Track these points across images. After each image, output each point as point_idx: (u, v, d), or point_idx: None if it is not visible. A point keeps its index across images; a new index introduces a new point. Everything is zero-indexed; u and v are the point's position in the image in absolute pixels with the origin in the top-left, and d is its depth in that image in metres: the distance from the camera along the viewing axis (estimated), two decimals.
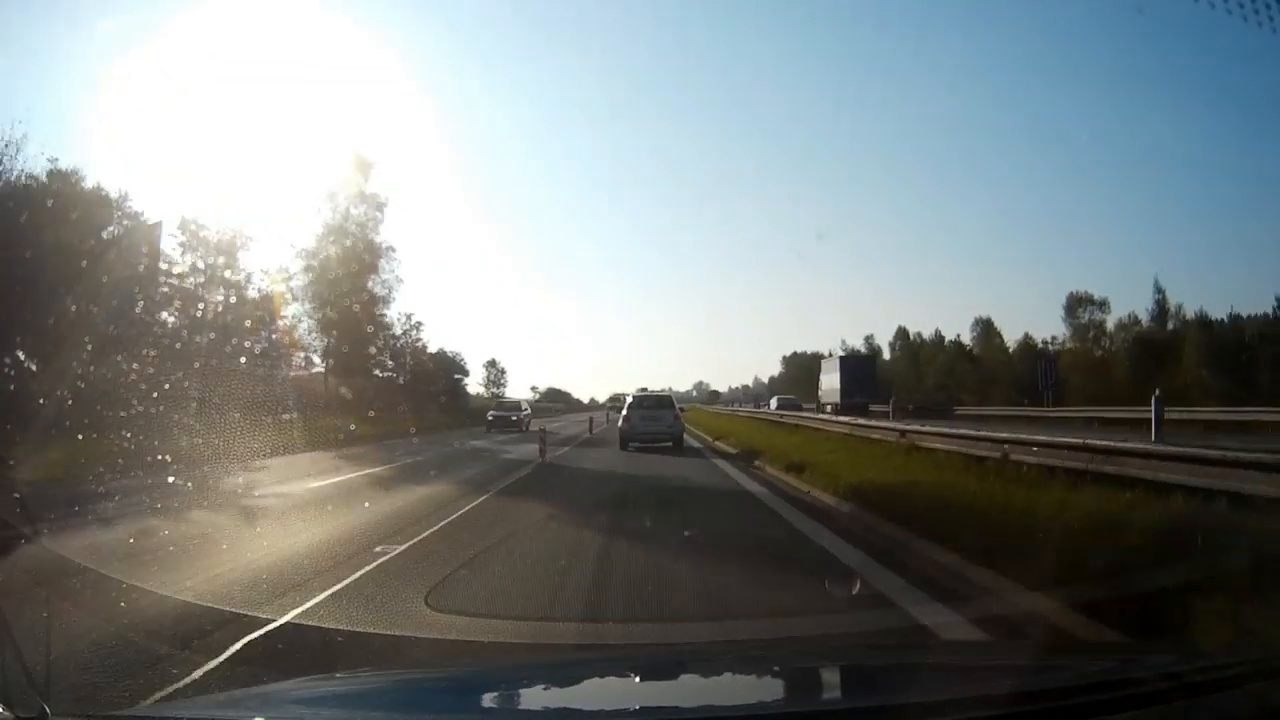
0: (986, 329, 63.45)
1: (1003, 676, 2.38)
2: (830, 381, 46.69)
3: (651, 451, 20.85)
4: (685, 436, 24.19)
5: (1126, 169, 77.51)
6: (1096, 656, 3.04)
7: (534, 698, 2.54)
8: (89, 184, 25.27)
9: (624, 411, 22.95)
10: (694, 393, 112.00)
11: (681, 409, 26.15)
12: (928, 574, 6.07)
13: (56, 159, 23.60)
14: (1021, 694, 1.88)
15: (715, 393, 77.87)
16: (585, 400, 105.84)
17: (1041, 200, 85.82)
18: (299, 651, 4.56)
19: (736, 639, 4.78)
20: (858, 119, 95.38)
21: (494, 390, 73.17)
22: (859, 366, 47.62)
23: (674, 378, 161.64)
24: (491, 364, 77.78)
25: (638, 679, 2.62)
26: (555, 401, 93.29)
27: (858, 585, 5.50)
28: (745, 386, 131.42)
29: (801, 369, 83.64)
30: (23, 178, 21.77)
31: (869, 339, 77.20)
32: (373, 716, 2.31)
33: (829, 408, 40.17)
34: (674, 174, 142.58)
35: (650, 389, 32.80)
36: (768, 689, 2.58)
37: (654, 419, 22.22)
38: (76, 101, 51.24)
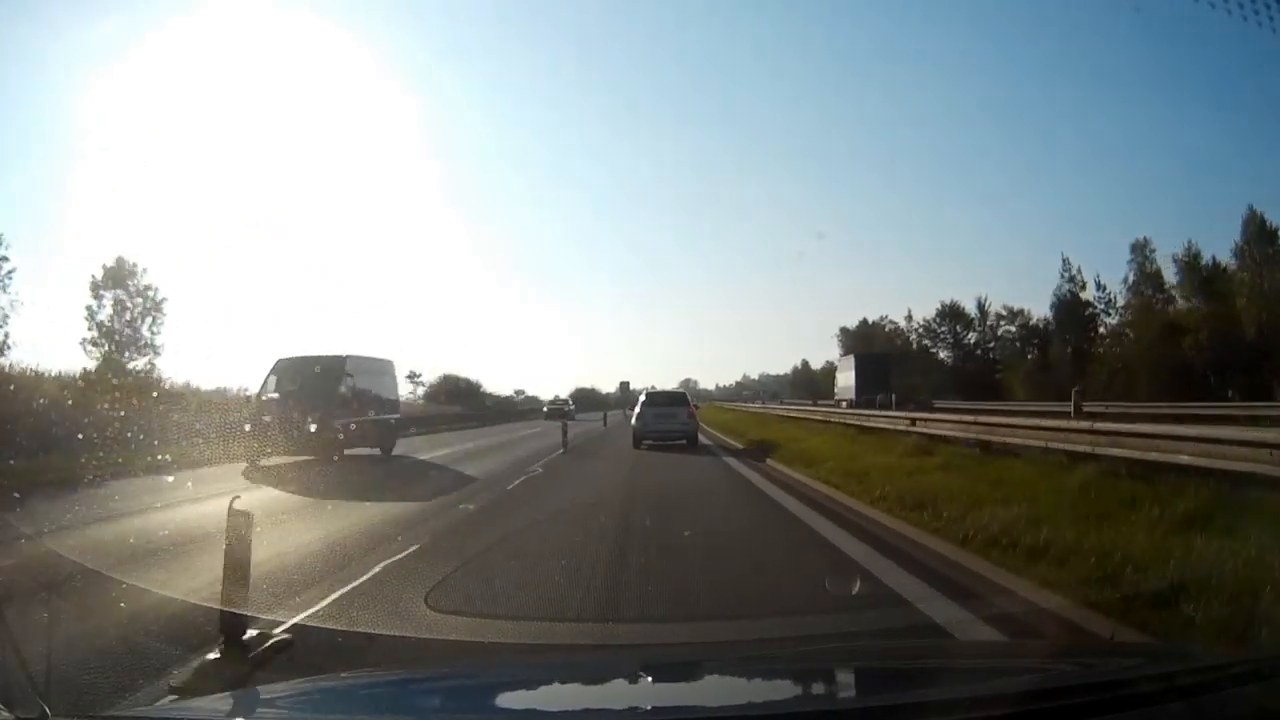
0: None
1: (1006, 677, 2.40)
2: (846, 379, 48.58)
3: None
4: None
5: (1127, 165, 76.66)
6: (1099, 657, 3.05)
7: (537, 698, 2.54)
8: None
9: (637, 409, 22.86)
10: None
11: (696, 406, 26.05)
12: None
13: None
14: (1023, 694, 1.89)
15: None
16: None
17: (1039, 193, 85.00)
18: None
19: (746, 638, 4.76)
20: (844, 114, 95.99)
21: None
22: (874, 364, 49.47)
23: (658, 376, 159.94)
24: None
25: (649, 679, 2.62)
26: (451, 403, 50.45)
27: None
28: (736, 384, 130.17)
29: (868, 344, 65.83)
30: None
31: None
32: (373, 717, 2.31)
33: (844, 404, 40.81)
34: (657, 172, 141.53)
35: (631, 385, 32.56)
36: (777, 689, 2.57)
37: (667, 416, 22.12)
38: None
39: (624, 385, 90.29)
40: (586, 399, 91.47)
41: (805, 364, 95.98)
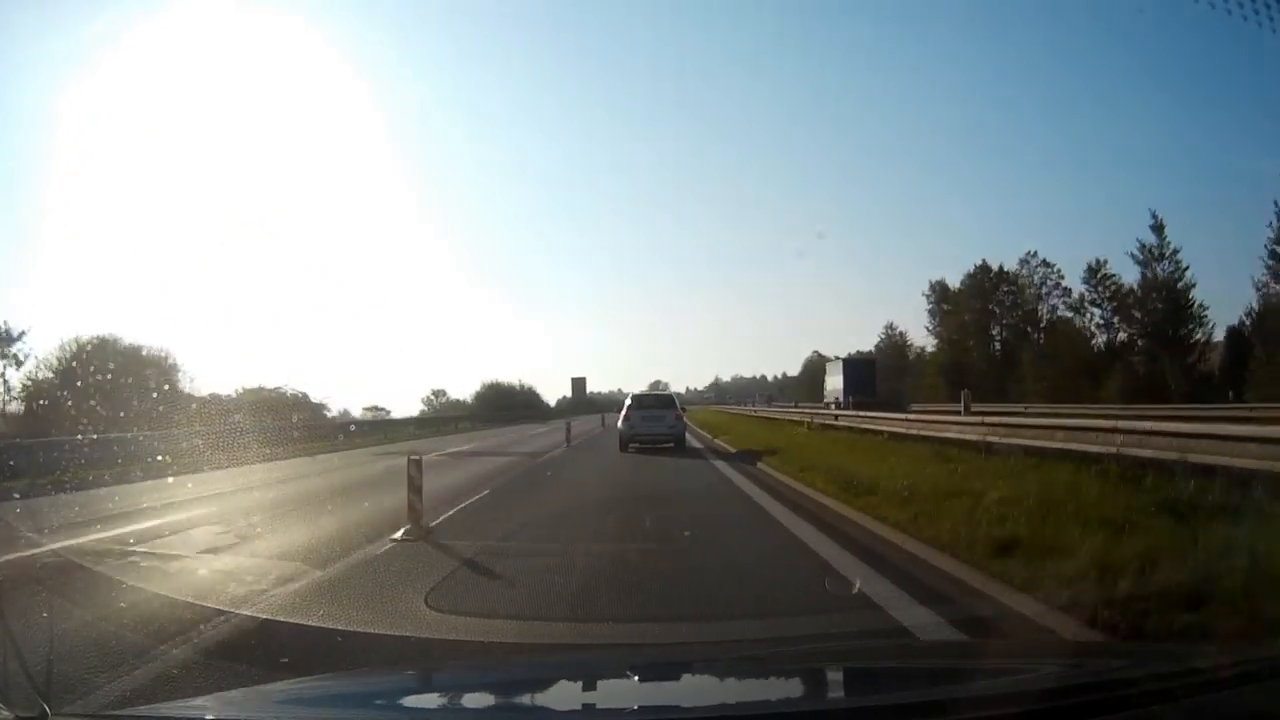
0: None
1: (1002, 677, 2.41)
2: (834, 382, 49.65)
3: None
4: None
5: (1127, 166, 76.92)
6: (1095, 657, 3.06)
7: (534, 697, 2.57)
8: None
9: (624, 412, 22.79)
10: None
11: (684, 408, 26.00)
12: None
13: None
14: (1020, 694, 1.91)
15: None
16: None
17: (1038, 195, 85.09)
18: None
19: (737, 638, 4.79)
20: (811, 114, 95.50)
21: None
22: (860, 368, 50.51)
23: (623, 379, 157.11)
24: None
25: (638, 679, 2.63)
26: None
27: None
28: (708, 386, 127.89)
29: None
30: None
31: None
32: (373, 716, 2.33)
33: (833, 405, 41.50)
34: (624, 169, 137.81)
35: (593, 387, 32.40)
36: (766, 689, 2.59)
37: (655, 419, 21.98)
38: None
39: (578, 384, 73.31)
40: (499, 400, 64.73)
41: (819, 354, 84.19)
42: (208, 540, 8.48)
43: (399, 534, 7.91)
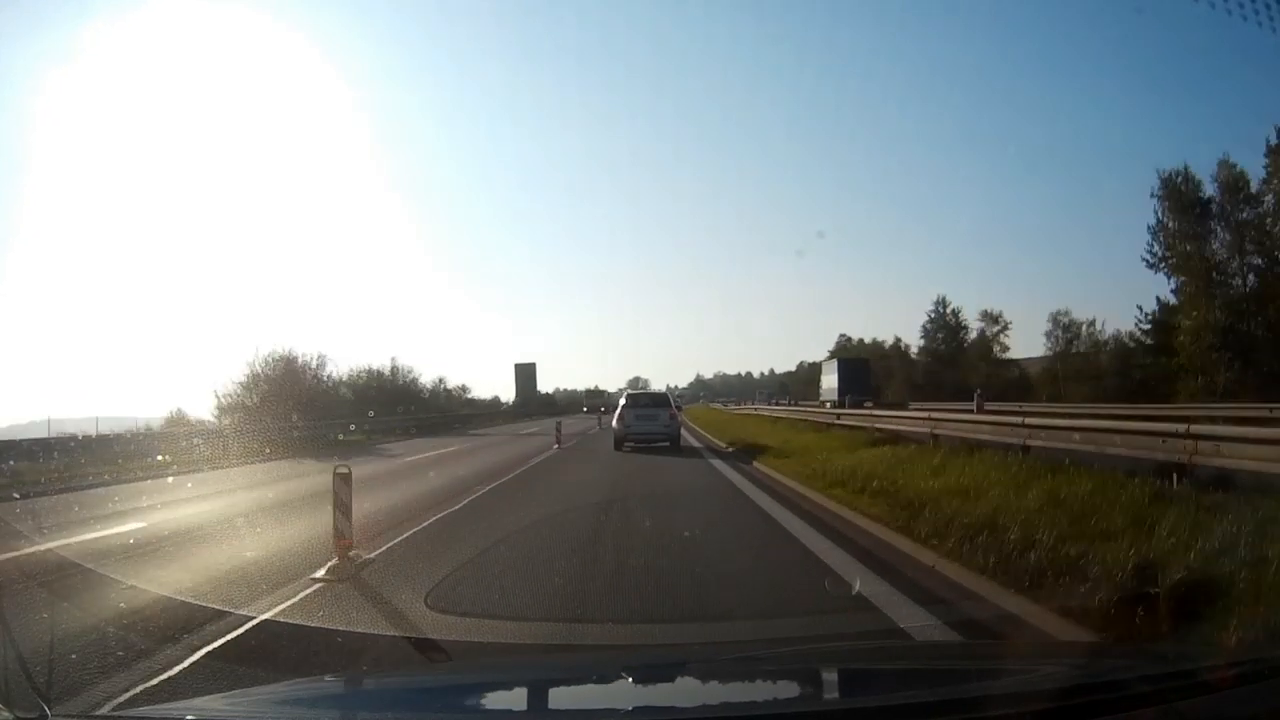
0: None
1: (1000, 677, 2.41)
2: (829, 381, 50.45)
3: None
4: None
5: (1126, 165, 76.98)
6: (1093, 657, 3.07)
7: (531, 698, 2.58)
8: None
9: (618, 410, 22.84)
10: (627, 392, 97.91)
11: (678, 407, 25.91)
12: None
13: None
14: (1019, 695, 1.92)
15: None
16: None
17: (1038, 196, 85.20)
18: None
19: (733, 639, 4.79)
20: (803, 109, 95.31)
21: None
22: (855, 367, 51.65)
23: (601, 375, 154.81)
24: None
25: (632, 680, 2.64)
26: None
27: None
28: (690, 384, 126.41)
29: None
30: None
31: None
32: (372, 716, 2.34)
33: (828, 405, 41.79)
34: (604, 164, 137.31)
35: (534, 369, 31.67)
36: (763, 690, 2.59)
37: (649, 418, 22.00)
38: None
39: (525, 373, 61.45)
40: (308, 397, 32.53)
41: (847, 339, 77.66)
42: None
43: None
